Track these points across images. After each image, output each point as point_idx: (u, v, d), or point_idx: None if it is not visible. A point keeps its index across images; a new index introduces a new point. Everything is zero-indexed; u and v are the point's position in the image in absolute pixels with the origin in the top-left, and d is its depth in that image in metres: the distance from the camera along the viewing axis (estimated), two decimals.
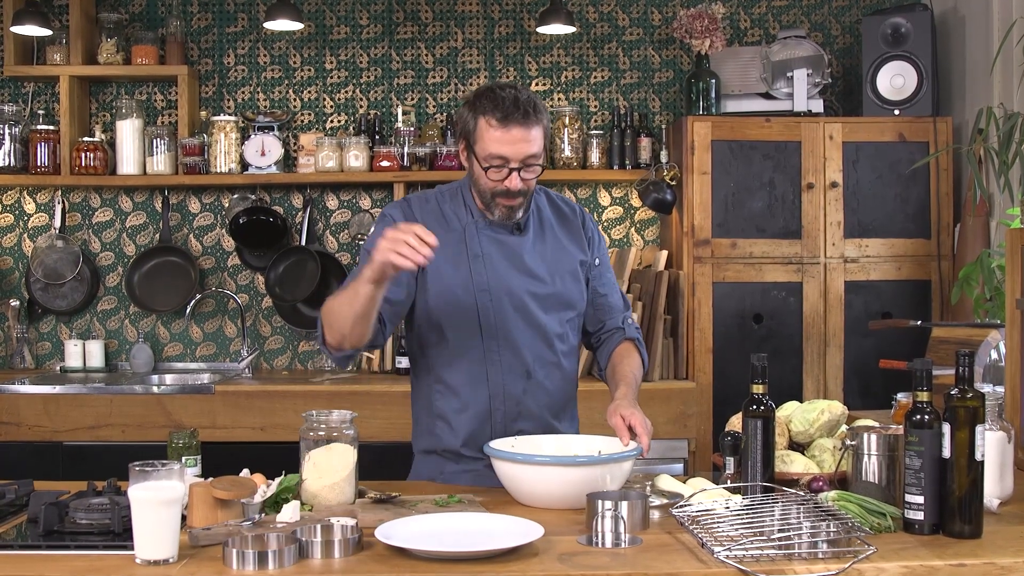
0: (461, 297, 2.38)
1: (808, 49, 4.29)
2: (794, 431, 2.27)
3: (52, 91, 4.56)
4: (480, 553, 1.73)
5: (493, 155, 2.30)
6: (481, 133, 2.31)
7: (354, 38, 4.64)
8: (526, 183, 2.33)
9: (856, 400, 4.08)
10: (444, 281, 2.38)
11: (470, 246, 2.41)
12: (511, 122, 2.27)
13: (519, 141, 2.28)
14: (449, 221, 2.42)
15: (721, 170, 4.15)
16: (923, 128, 4.18)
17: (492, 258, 2.40)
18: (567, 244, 2.50)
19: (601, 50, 4.65)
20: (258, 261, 4.59)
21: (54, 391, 4.02)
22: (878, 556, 1.72)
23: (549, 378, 2.46)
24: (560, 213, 2.53)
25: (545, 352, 2.44)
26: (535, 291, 2.42)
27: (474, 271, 2.39)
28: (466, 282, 2.39)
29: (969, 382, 1.87)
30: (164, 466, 1.75)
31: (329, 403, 3.87)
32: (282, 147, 4.44)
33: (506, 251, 2.41)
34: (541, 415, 2.45)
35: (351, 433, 2.15)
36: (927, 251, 4.18)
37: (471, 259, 2.40)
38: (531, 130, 2.29)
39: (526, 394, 2.42)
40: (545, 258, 2.45)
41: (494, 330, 2.39)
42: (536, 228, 2.47)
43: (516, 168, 2.30)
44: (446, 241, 2.32)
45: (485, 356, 2.40)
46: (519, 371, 2.42)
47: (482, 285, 2.39)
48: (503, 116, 2.27)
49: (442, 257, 2.28)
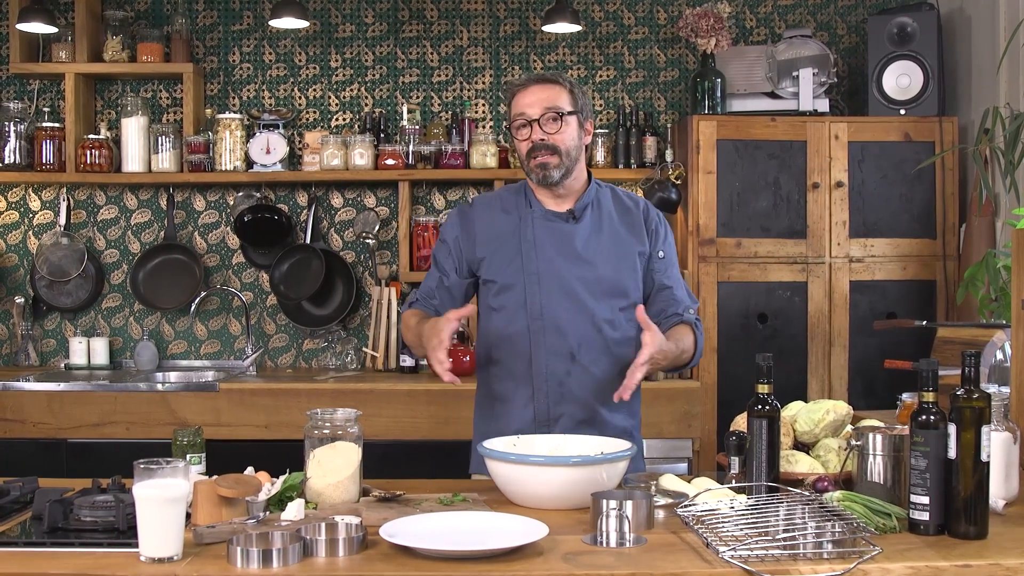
0: (511, 280, 2.53)
1: (814, 48, 4.29)
2: (799, 431, 2.26)
3: (57, 88, 4.57)
4: (484, 552, 1.73)
5: (517, 114, 2.50)
6: (511, 105, 2.54)
7: (359, 36, 4.64)
8: (550, 136, 2.47)
9: (861, 400, 4.07)
10: (498, 266, 2.55)
11: (523, 233, 2.54)
12: (531, 82, 2.51)
13: (537, 97, 2.48)
14: (508, 212, 2.58)
15: (726, 169, 4.14)
16: (929, 128, 4.17)
17: (544, 244, 2.53)
18: (625, 234, 2.57)
19: (606, 49, 4.65)
20: (263, 259, 4.59)
21: (59, 388, 4.02)
22: (883, 557, 1.72)
23: (596, 363, 2.51)
24: (622, 206, 2.61)
25: (592, 336, 2.50)
26: (584, 276, 2.51)
27: (525, 255, 2.52)
28: (517, 266, 2.52)
29: (975, 382, 1.87)
30: (169, 464, 1.75)
31: (333, 401, 3.87)
32: (287, 145, 4.44)
33: (558, 238, 2.53)
34: (585, 399, 2.49)
35: (355, 431, 2.15)
36: (932, 251, 4.17)
37: (523, 244, 2.53)
38: (549, 87, 2.49)
39: (570, 376, 2.49)
40: (600, 246, 2.54)
41: (540, 312, 2.50)
42: (594, 218, 2.56)
43: (535, 119, 2.47)
44: (502, 231, 2.56)
45: (531, 338, 2.50)
46: (563, 353, 2.49)
47: (531, 269, 2.51)
48: (524, 80, 2.53)
49: (498, 246, 2.54)
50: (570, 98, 2.50)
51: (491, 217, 2.58)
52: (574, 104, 2.51)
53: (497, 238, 2.55)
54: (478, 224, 2.58)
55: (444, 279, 2.59)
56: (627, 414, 2.56)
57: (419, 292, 2.64)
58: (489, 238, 2.56)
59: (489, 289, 2.57)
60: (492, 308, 2.56)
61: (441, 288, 2.59)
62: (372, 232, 4.51)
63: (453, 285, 2.59)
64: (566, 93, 2.50)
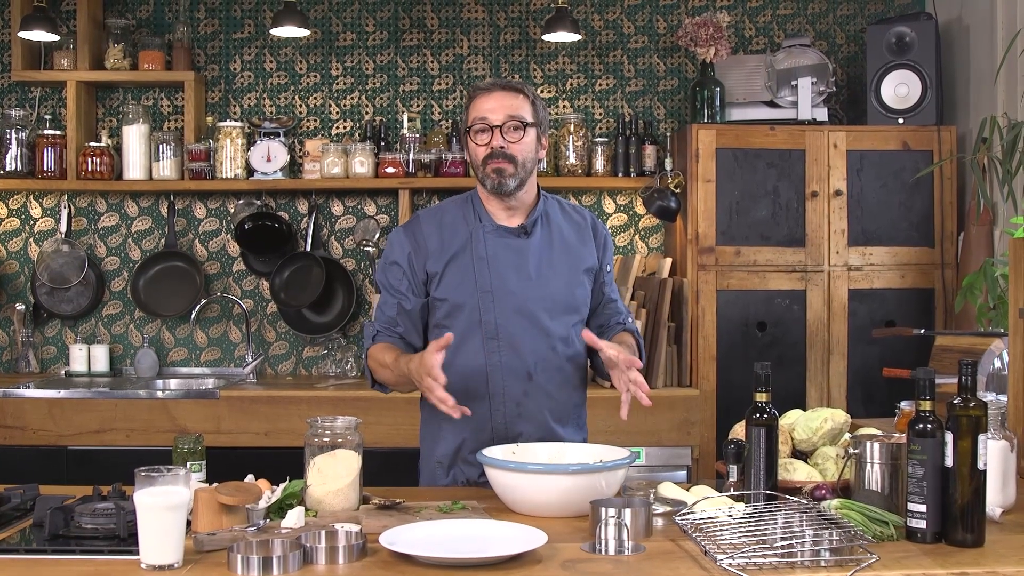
0: (463, 298, 2.46)
1: (813, 58, 4.30)
2: (797, 439, 2.27)
3: (59, 96, 4.58)
4: (484, 560, 1.73)
5: (477, 118, 2.45)
6: (471, 106, 2.48)
7: (360, 45, 4.65)
8: (509, 145, 2.42)
9: (859, 408, 4.08)
10: (449, 283, 2.47)
11: (475, 249, 2.47)
12: (494, 88, 2.47)
13: (500, 104, 2.44)
14: (456, 227, 2.50)
15: (725, 178, 4.15)
16: (927, 137, 4.18)
17: (497, 260, 2.46)
18: (575, 249, 2.54)
19: (606, 58, 4.66)
20: (263, 266, 4.60)
21: (59, 395, 4.03)
22: (880, 564, 1.72)
23: (551, 381, 2.48)
24: (570, 219, 2.58)
25: (548, 354, 2.47)
26: (539, 294, 2.47)
27: (478, 273, 2.46)
28: (470, 284, 2.46)
29: (972, 391, 1.88)
30: (169, 471, 1.76)
31: (334, 409, 3.88)
32: (288, 153, 4.45)
33: (511, 254, 2.47)
34: (542, 418, 2.47)
35: (355, 439, 2.16)
36: (931, 260, 4.18)
37: (475, 261, 2.47)
38: (514, 96, 2.45)
39: (527, 396, 2.46)
40: (551, 261, 2.50)
41: (495, 331, 2.45)
42: (544, 233, 2.52)
43: (497, 126, 2.42)
44: (452, 246, 2.48)
45: (486, 357, 2.45)
46: (520, 373, 2.46)
47: (485, 287, 2.45)
48: (488, 85, 2.48)
49: (449, 261, 2.46)
50: (532, 109, 2.46)
51: (440, 232, 2.49)
52: (535, 116, 2.46)
53: (447, 254, 2.47)
54: (429, 240, 2.49)
55: (403, 303, 2.49)
56: (575, 427, 2.55)
57: (378, 323, 2.52)
58: (440, 254, 2.48)
59: (439, 307, 2.49)
60: (443, 327, 2.46)
61: (402, 313, 2.49)
62: (372, 240, 4.52)
63: (414, 308, 2.49)
64: (528, 104, 2.46)
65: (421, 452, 2.62)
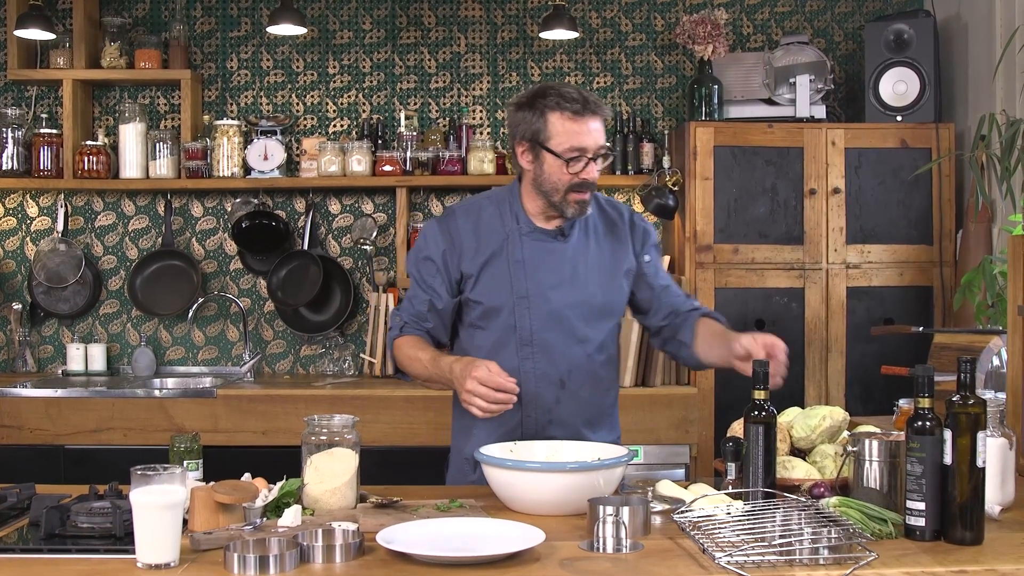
0: (499, 302, 2.42)
1: (811, 55, 4.30)
2: (796, 437, 2.27)
3: (55, 95, 4.57)
4: (481, 558, 1.73)
5: (574, 147, 2.36)
6: (555, 128, 2.36)
7: (357, 43, 4.65)
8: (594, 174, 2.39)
9: (858, 406, 4.08)
10: (484, 286, 2.43)
11: (512, 252, 2.43)
12: (586, 113, 2.37)
13: (594, 131, 2.37)
14: (492, 228, 2.45)
15: (723, 176, 4.15)
16: (925, 134, 4.18)
17: (533, 264, 2.42)
18: (612, 251, 2.49)
19: (604, 55, 4.65)
20: (260, 265, 4.59)
21: (56, 394, 4.02)
22: (879, 562, 1.72)
23: (584, 387, 2.45)
24: (607, 218, 2.53)
25: (582, 361, 2.44)
26: (575, 299, 2.43)
27: (514, 277, 2.42)
28: (505, 288, 2.42)
29: (971, 388, 1.87)
30: (166, 470, 1.75)
31: (331, 407, 3.87)
32: (285, 151, 4.44)
33: (548, 258, 2.43)
34: (573, 424, 2.44)
35: (353, 437, 2.15)
36: (929, 257, 4.18)
37: (512, 265, 2.42)
38: (600, 120, 2.39)
39: (559, 403, 2.43)
40: (589, 265, 2.45)
41: (529, 336, 2.41)
42: (581, 234, 2.47)
43: (592, 158, 2.37)
44: (488, 247, 2.43)
45: (519, 363, 2.41)
46: (553, 379, 2.42)
47: (520, 291, 2.41)
48: (580, 108, 2.36)
49: (485, 264, 2.42)
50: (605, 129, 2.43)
51: (476, 231, 2.44)
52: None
53: (483, 256, 2.42)
54: (465, 238, 2.44)
55: (435, 301, 2.44)
56: (608, 429, 2.53)
57: (405, 314, 2.47)
58: (475, 255, 2.43)
59: (473, 308, 2.45)
60: (477, 327, 2.45)
61: (433, 311, 2.45)
62: (370, 238, 4.51)
63: (445, 308, 2.45)
64: (603, 125, 2.42)
65: (452, 447, 2.58)
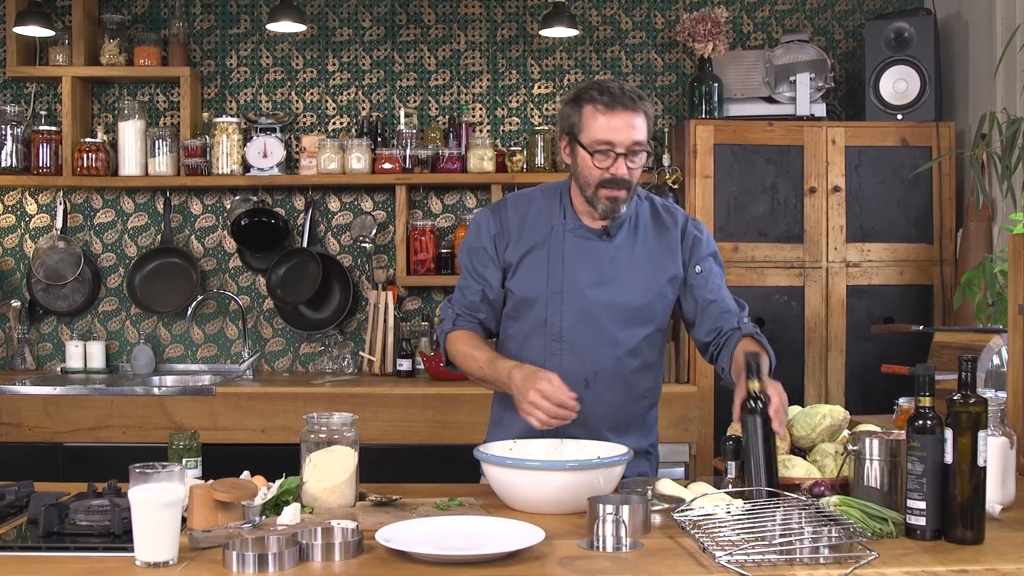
0: (534, 296, 2.41)
1: (811, 53, 4.29)
2: (796, 435, 2.26)
3: (54, 92, 4.56)
4: (481, 557, 1.72)
5: (600, 140, 2.31)
6: (587, 121, 2.32)
7: (357, 40, 4.64)
8: (631, 172, 2.33)
9: (858, 405, 4.07)
10: (522, 277, 2.43)
11: (553, 247, 2.42)
12: (618, 106, 2.29)
13: (625, 126, 2.29)
14: (539, 221, 2.44)
15: (723, 174, 4.14)
16: (926, 133, 4.17)
17: (573, 261, 2.40)
18: (659, 256, 2.44)
19: (604, 53, 4.65)
20: (259, 263, 4.59)
21: (55, 392, 4.02)
22: (880, 562, 1.71)
23: (610, 391, 2.42)
24: (659, 223, 2.47)
25: (610, 364, 2.41)
26: (611, 300, 2.39)
27: (551, 272, 2.41)
28: (541, 281, 2.41)
29: (972, 387, 1.87)
30: (164, 468, 1.75)
31: (330, 405, 3.87)
32: (284, 149, 4.44)
33: (589, 256, 2.41)
34: (596, 427, 2.39)
35: (352, 436, 2.15)
36: (929, 256, 4.18)
37: (551, 260, 2.41)
38: (637, 116, 2.31)
39: (581, 403, 2.32)
40: (631, 268, 2.42)
41: (558, 333, 2.40)
42: (628, 236, 2.44)
43: (622, 154, 2.30)
44: (532, 238, 2.42)
45: (546, 358, 2.40)
46: (578, 378, 2.37)
47: (556, 287, 2.40)
48: (610, 101, 2.30)
49: (526, 254, 2.42)
50: (648, 126, 2.33)
51: (523, 221, 2.44)
52: (650, 132, 2.34)
53: (526, 246, 2.42)
54: (512, 226, 2.44)
55: (487, 290, 2.44)
56: (638, 435, 2.48)
57: (457, 306, 2.47)
58: (518, 244, 2.43)
59: (510, 298, 2.45)
60: (511, 318, 2.46)
61: (485, 301, 2.45)
62: (369, 236, 4.50)
63: (497, 297, 2.45)
64: (646, 121, 2.32)
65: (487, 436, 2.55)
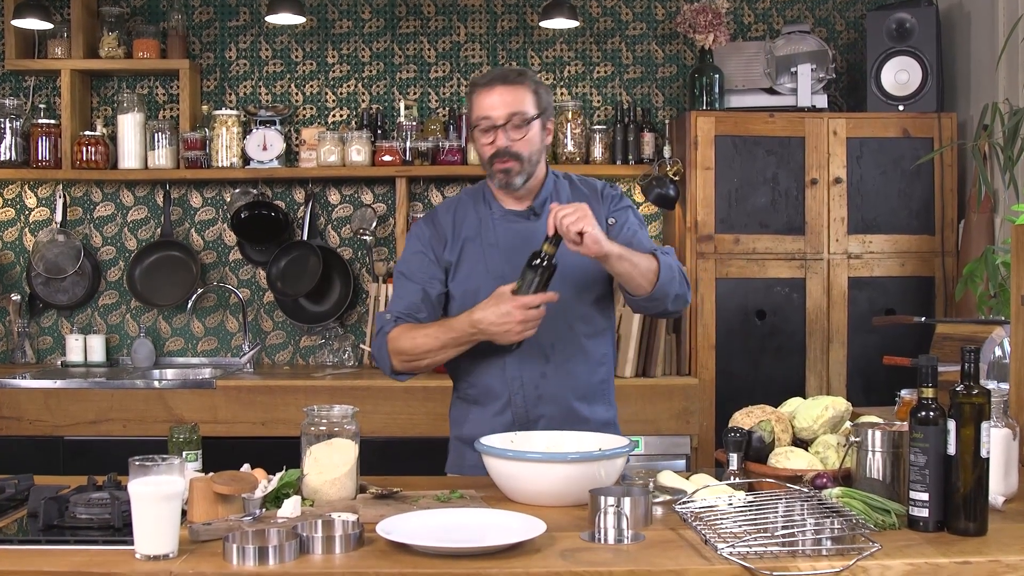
0: (478, 285, 2.45)
1: (812, 44, 4.28)
2: (798, 427, 2.25)
3: (53, 85, 4.55)
4: (482, 549, 1.72)
5: (480, 116, 2.42)
6: (472, 103, 2.45)
7: (356, 32, 4.62)
8: (514, 143, 2.41)
9: (859, 397, 4.06)
10: (463, 272, 2.49)
11: (485, 236, 2.48)
12: (494, 83, 2.42)
13: (502, 99, 2.40)
14: (468, 217, 2.53)
15: (724, 165, 4.13)
16: (927, 124, 4.16)
17: (508, 246, 2.46)
18: None
19: (604, 45, 4.63)
20: (260, 256, 4.58)
21: (55, 386, 4.01)
22: (882, 553, 1.71)
23: (571, 360, 2.47)
24: (579, 194, 2.54)
25: (565, 334, 2.46)
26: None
27: (488, 259, 2.47)
28: (482, 271, 2.47)
29: (975, 378, 1.86)
30: (164, 461, 1.74)
31: (331, 398, 3.84)
32: (284, 141, 4.43)
33: (521, 237, 2.46)
34: (564, 399, 2.45)
35: (352, 428, 2.14)
36: (931, 247, 4.17)
37: (486, 248, 2.47)
38: (514, 89, 2.41)
39: (545, 378, 2.44)
40: None
41: None
42: None
43: (501, 125, 2.39)
44: (464, 233, 2.50)
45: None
46: (536, 354, 2.44)
47: (496, 273, 2.44)
48: (488, 80, 2.43)
49: (462, 250, 2.49)
50: (535, 100, 2.42)
51: (456, 221, 2.52)
52: (538, 105, 2.42)
53: (460, 242, 2.50)
54: (446, 228, 2.52)
55: (429, 288, 2.48)
56: (604, 405, 2.53)
57: (396, 311, 2.48)
58: (454, 242, 2.51)
59: (455, 298, 2.50)
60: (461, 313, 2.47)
61: (427, 300, 2.48)
62: (369, 228, 4.49)
63: (439, 295, 2.50)
64: (531, 95, 2.41)
65: (450, 434, 2.60)
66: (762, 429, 2.16)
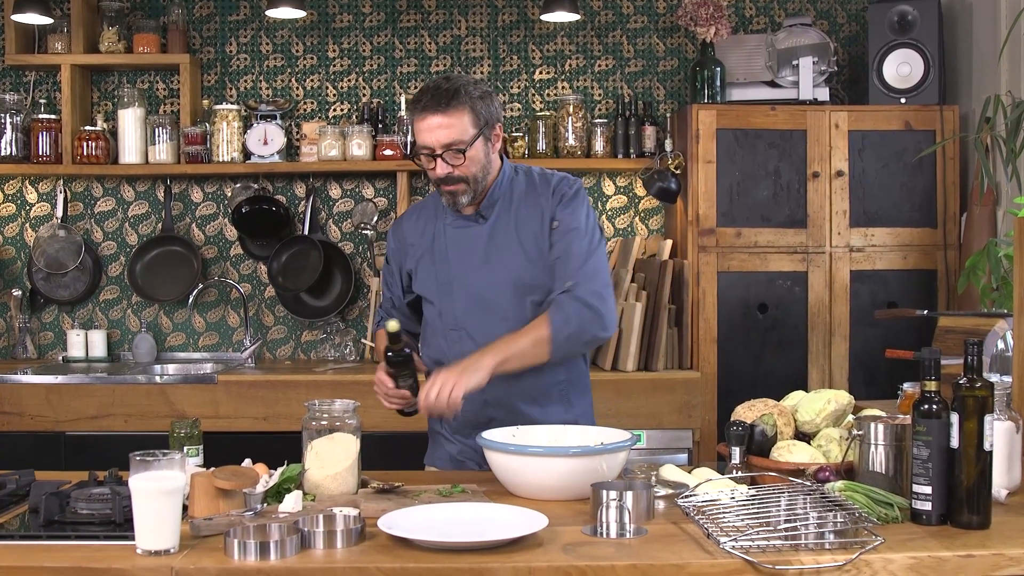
0: (430, 292, 2.51)
1: (814, 37, 4.27)
2: (800, 421, 2.25)
3: (54, 80, 4.55)
4: (484, 543, 1.72)
5: (420, 145, 2.36)
6: (413, 126, 2.38)
7: (357, 26, 4.61)
8: (456, 168, 2.35)
9: (861, 390, 4.06)
10: (420, 279, 2.55)
11: (436, 245, 2.51)
12: (427, 110, 2.32)
13: (435, 128, 2.32)
14: (427, 224, 2.54)
15: (726, 159, 4.12)
16: (929, 116, 4.15)
17: (456, 251, 2.48)
18: (532, 224, 2.43)
19: (605, 38, 4.62)
20: (261, 250, 4.57)
21: (56, 381, 4.01)
22: (886, 547, 1.70)
23: None
24: (533, 191, 2.47)
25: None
26: (494, 278, 2.44)
27: (439, 268, 2.50)
28: (433, 278, 2.51)
29: (978, 371, 1.86)
30: (165, 456, 1.74)
31: (332, 393, 3.86)
32: (285, 136, 4.42)
33: (469, 243, 2.48)
34: (509, 402, 2.43)
35: (354, 423, 2.14)
36: (933, 240, 4.16)
37: (436, 257, 2.50)
38: (447, 116, 2.31)
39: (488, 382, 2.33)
40: (508, 243, 2.44)
41: (454, 321, 2.47)
42: (502, 213, 2.46)
43: (439, 155, 2.33)
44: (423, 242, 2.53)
45: (448, 347, 2.48)
46: None
47: (444, 280, 2.48)
48: (421, 106, 2.33)
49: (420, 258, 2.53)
50: (472, 118, 2.32)
51: (415, 229, 2.56)
52: (477, 123, 2.33)
53: (420, 251, 2.53)
54: (409, 237, 2.56)
55: (395, 299, 2.61)
56: (562, 406, 2.48)
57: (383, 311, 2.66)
58: (415, 251, 2.54)
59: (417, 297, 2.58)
60: (425, 320, 2.57)
61: (395, 308, 2.62)
62: (370, 223, 4.49)
63: (402, 304, 2.61)
64: (467, 114, 2.31)
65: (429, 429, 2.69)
66: (764, 423, 2.16)
